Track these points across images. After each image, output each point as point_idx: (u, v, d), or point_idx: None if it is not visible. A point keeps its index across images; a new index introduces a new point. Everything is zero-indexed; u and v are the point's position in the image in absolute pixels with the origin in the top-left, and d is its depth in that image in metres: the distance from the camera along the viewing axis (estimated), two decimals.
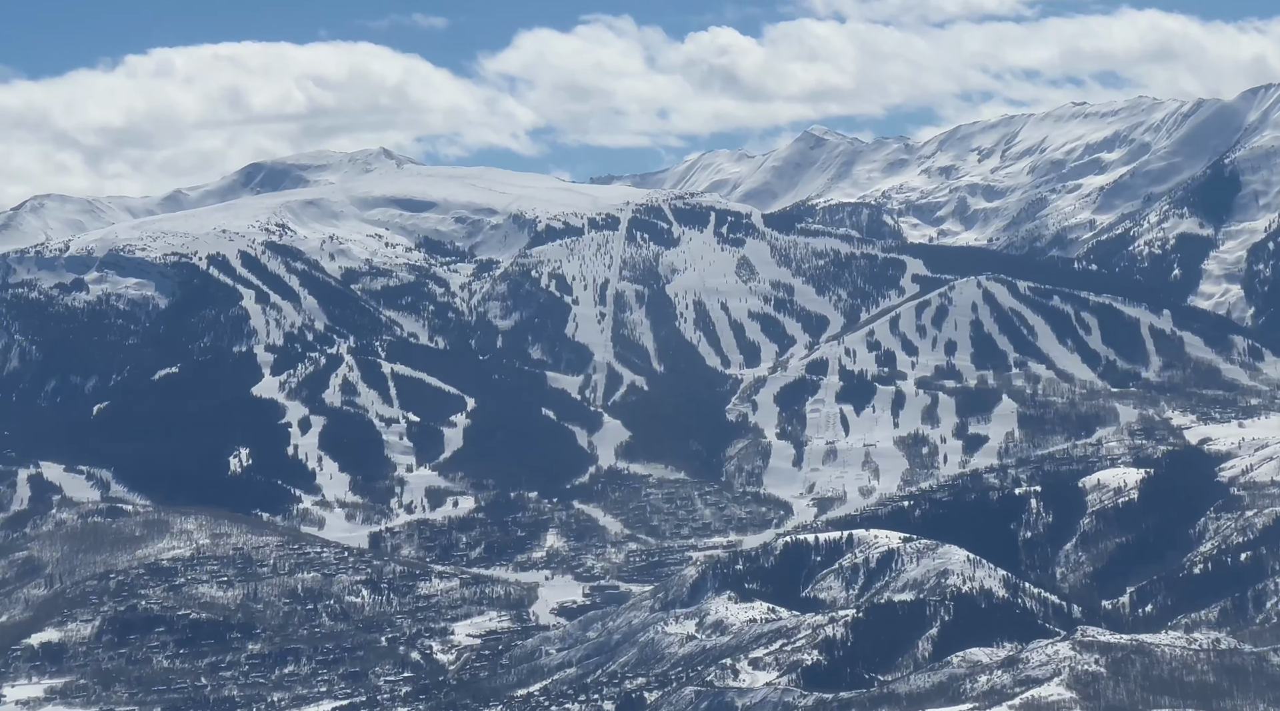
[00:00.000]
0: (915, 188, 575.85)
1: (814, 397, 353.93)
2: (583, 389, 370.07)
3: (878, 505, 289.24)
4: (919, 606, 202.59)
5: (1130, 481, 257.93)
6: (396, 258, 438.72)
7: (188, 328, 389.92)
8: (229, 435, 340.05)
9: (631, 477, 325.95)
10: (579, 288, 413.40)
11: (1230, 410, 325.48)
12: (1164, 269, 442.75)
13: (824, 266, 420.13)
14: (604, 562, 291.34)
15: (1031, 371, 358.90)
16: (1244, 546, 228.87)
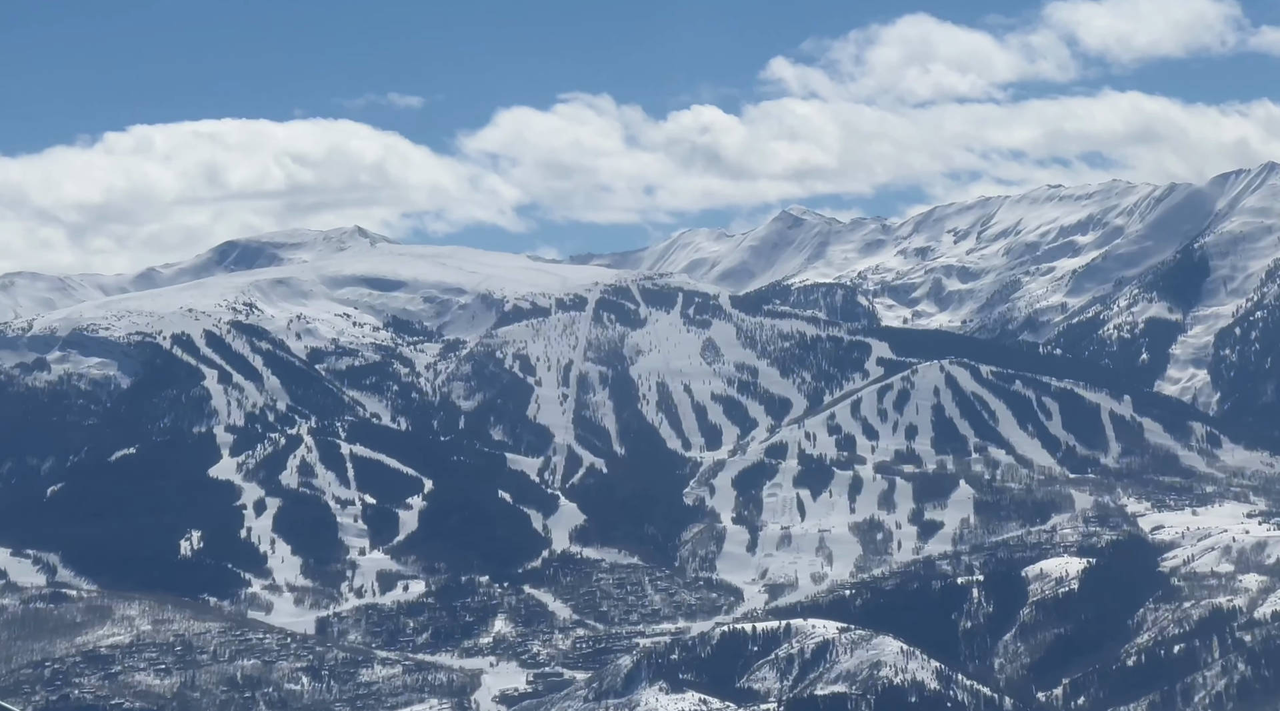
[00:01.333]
0: (891, 268, 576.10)
1: (771, 482, 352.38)
2: (542, 471, 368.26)
3: (828, 592, 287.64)
4: (839, 700, 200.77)
5: (1072, 571, 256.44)
6: (363, 337, 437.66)
7: (148, 408, 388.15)
8: (182, 517, 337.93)
9: (584, 562, 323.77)
10: (542, 368, 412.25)
11: (1185, 498, 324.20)
12: (1132, 353, 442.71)
13: (789, 348, 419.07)
14: (550, 649, 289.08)
15: (991, 456, 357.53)
16: (1179, 638, 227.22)
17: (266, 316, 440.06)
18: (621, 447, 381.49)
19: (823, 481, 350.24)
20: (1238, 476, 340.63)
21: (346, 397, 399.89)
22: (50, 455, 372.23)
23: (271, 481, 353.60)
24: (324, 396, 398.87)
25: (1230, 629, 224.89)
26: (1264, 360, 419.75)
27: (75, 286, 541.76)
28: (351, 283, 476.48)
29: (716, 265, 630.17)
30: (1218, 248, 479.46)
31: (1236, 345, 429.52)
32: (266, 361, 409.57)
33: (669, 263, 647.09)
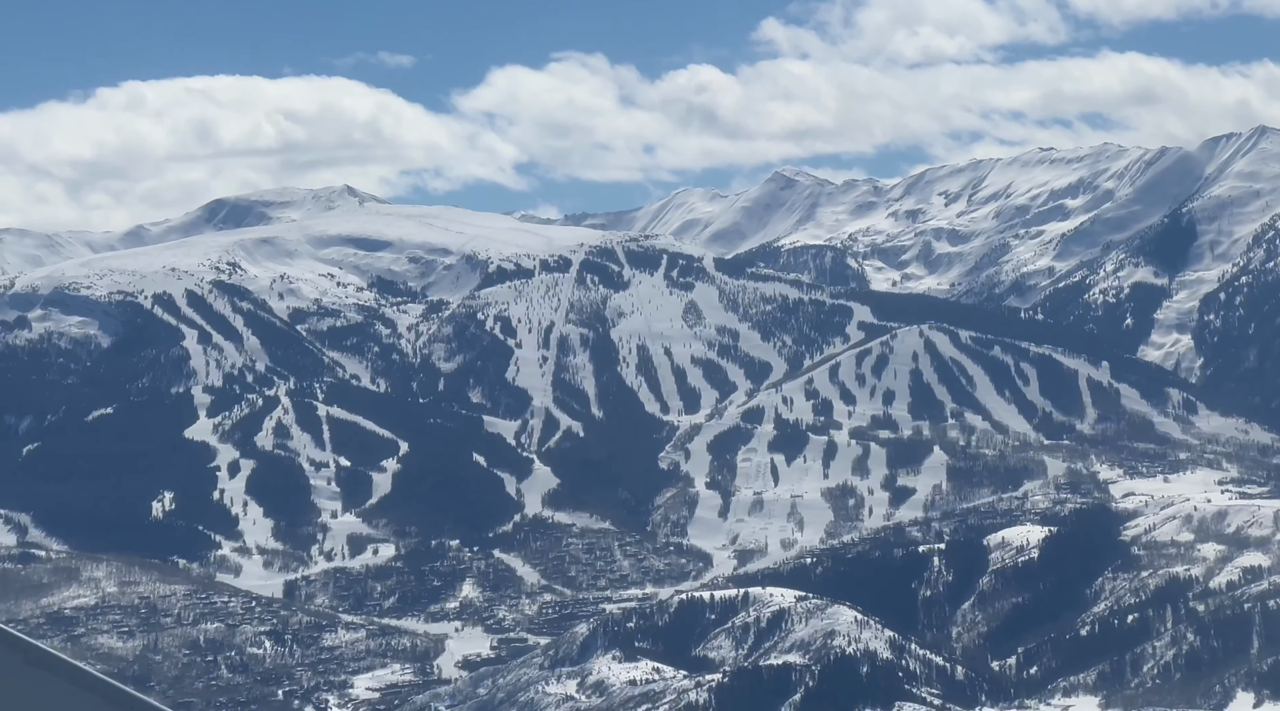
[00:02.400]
0: (881, 231, 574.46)
1: (747, 447, 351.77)
2: (519, 434, 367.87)
3: (795, 559, 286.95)
4: (785, 671, 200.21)
5: (1033, 540, 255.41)
6: (346, 298, 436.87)
7: (128, 368, 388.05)
8: (156, 478, 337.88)
9: (555, 526, 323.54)
10: (523, 330, 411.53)
11: (1158, 465, 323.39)
12: (1117, 318, 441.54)
13: (771, 311, 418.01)
14: (516, 614, 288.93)
15: (967, 422, 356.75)
16: (1134, 608, 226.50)
17: (250, 276, 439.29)
18: (600, 411, 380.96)
19: (798, 446, 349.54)
20: (1212, 443, 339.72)
21: (326, 359, 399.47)
22: (28, 414, 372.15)
23: (247, 443, 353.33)
24: (304, 357, 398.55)
25: (1185, 599, 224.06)
26: (1247, 326, 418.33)
27: (63, 243, 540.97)
28: (337, 242, 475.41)
29: (709, 226, 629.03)
30: (1205, 212, 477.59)
31: (1221, 311, 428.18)
32: (247, 321, 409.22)
33: (663, 223, 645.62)
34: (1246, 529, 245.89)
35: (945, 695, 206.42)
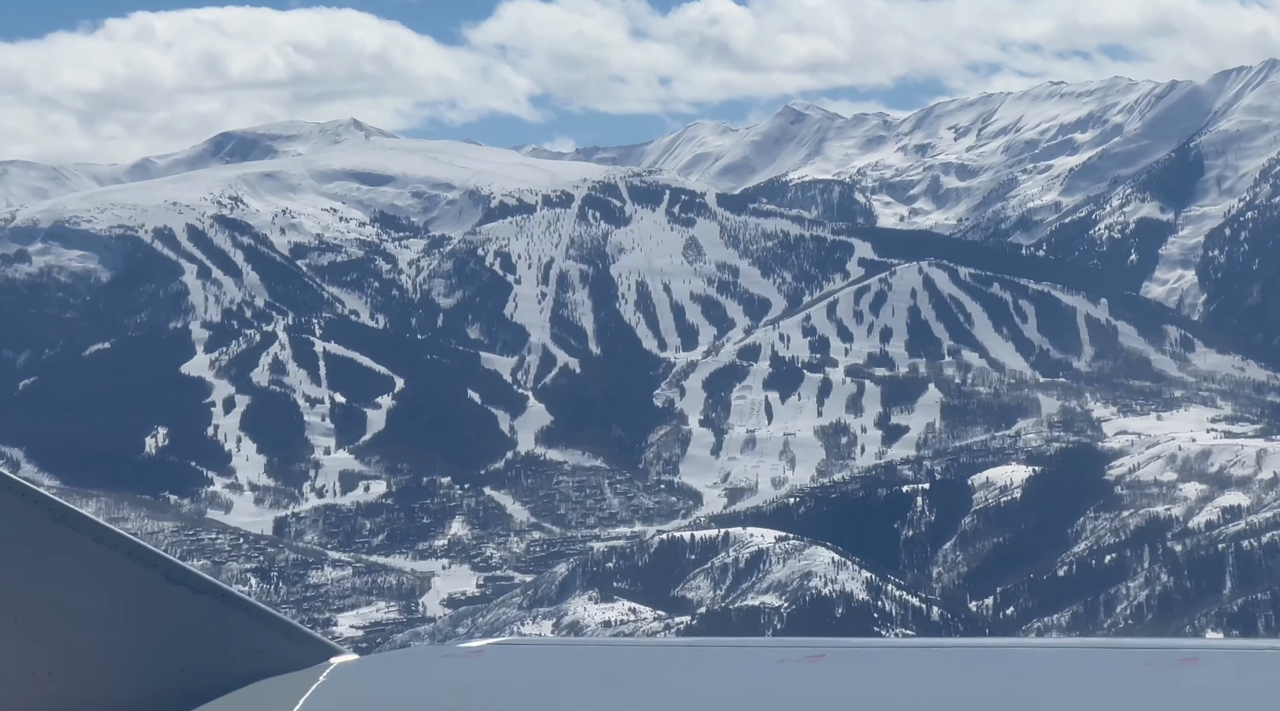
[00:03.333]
0: (890, 165, 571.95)
1: (742, 384, 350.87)
2: (515, 370, 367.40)
3: (785, 497, 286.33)
4: (753, 614, 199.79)
5: (1017, 479, 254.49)
6: (348, 233, 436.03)
7: (127, 302, 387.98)
8: (151, 414, 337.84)
9: (547, 464, 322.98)
10: (523, 266, 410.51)
11: (1153, 402, 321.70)
12: (1122, 254, 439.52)
13: (772, 248, 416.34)
14: (504, 552, 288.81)
15: (964, 360, 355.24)
16: (1112, 548, 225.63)
17: (251, 211, 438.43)
18: (598, 347, 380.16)
19: (793, 384, 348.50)
20: (1208, 381, 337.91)
21: (326, 294, 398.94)
22: (26, 348, 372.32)
23: (243, 379, 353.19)
24: (303, 293, 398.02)
25: (1163, 539, 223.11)
26: (1251, 261, 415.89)
27: (69, 176, 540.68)
28: (341, 177, 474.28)
29: (720, 159, 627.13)
30: (1213, 147, 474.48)
31: (1225, 246, 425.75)
32: (248, 256, 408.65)
33: (674, 157, 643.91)
34: (1229, 468, 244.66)
35: (920, 636, 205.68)
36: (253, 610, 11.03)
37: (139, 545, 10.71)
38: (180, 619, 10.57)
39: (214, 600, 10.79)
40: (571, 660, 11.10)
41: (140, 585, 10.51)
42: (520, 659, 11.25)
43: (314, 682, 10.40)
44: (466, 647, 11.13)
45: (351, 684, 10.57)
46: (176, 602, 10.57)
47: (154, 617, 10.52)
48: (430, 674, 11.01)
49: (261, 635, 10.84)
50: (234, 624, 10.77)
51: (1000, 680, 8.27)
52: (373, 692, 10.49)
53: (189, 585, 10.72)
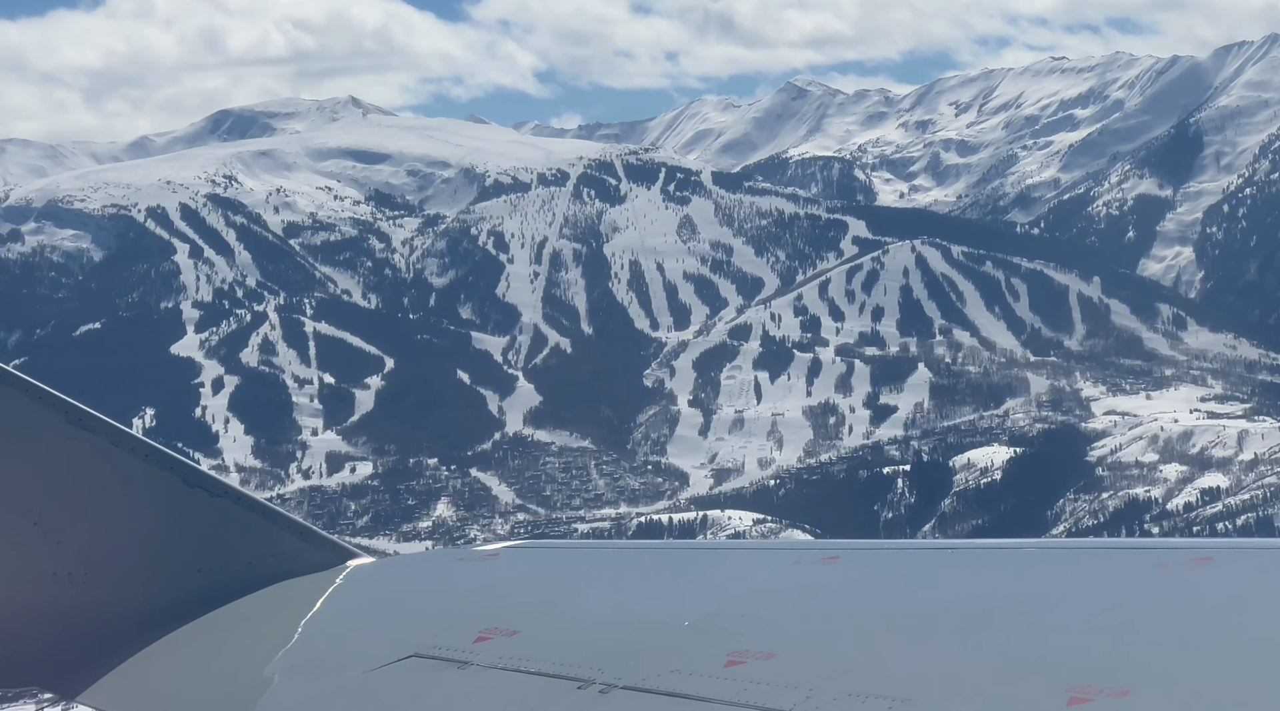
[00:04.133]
0: (891, 142, 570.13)
1: (731, 364, 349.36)
2: (506, 350, 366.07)
3: (771, 478, 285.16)
4: None
5: (998, 461, 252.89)
6: (343, 211, 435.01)
7: (118, 282, 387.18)
8: (139, 395, 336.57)
9: (534, 445, 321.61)
10: (516, 246, 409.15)
11: (1143, 381, 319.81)
12: (1120, 230, 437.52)
13: (766, 226, 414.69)
14: (487, 534, 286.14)
15: (955, 339, 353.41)
16: (1091, 530, 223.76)
17: (245, 189, 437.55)
18: (590, 327, 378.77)
19: (783, 364, 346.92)
20: (1199, 359, 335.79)
21: (319, 274, 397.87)
22: (17, 328, 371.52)
23: (232, 359, 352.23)
24: (295, 272, 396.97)
25: (1141, 521, 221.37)
26: (1249, 238, 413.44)
27: (67, 154, 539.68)
28: (336, 155, 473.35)
29: (721, 136, 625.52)
30: (1213, 123, 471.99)
31: (1224, 223, 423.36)
32: (240, 236, 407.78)
33: (676, 133, 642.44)
34: (1210, 449, 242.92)
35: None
36: (269, 513, 11.08)
37: (156, 448, 10.72)
38: (198, 521, 10.63)
39: (230, 503, 10.85)
40: (586, 562, 11.16)
41: (158, 487, 10.53)
42: (535, 561, 11.15)
43: (331, 584, 10.46)
44: (482, 551, 11.18)
45: (368, 585, 10.56)
46: (194, 505, 10.62)
47: (172, 520, 10.59)
48: (446, 575, 11.03)
49: (278, 538, 10.92)
50: (251, 526, 10.87)
51: (1015, 580, 8.17)
52: (389, 594, 10.47)
53: (206, 488, 10.74)
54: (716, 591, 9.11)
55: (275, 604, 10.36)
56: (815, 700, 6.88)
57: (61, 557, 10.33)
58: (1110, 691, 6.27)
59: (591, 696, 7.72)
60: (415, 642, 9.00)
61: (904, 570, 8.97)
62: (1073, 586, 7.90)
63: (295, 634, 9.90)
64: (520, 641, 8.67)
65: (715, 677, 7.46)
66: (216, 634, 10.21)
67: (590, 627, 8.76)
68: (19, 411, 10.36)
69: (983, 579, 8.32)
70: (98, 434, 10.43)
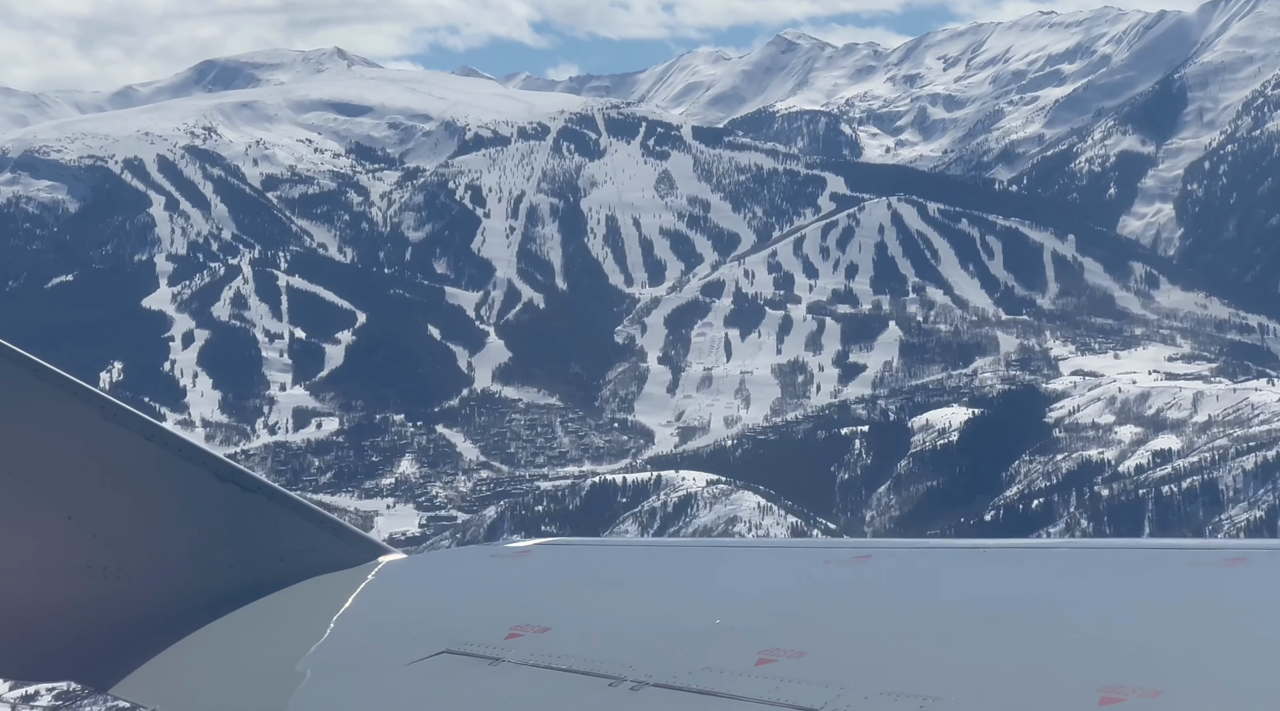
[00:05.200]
0: (879, 96, 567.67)
1: (703, 321, 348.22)
2: (480, 306, 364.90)
3: (735, 438, 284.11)
4: None
5: (956, 422, 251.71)
6: (322, 164, 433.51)
7: (93, 234, 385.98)
8: (109, 349, 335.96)
9: (501, 402, 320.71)
10: (493, 200, 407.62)
11: (1112, 340, 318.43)
12: (1101, 187, 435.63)
13: (744, 182, 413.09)
14: (450, 492, 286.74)
15: (928, 297, 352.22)
16: (1042, 492, 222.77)
17: (225, 142, 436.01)
18: (564, 282, 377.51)
19: (754, 321, 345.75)
20: (1170, 318, 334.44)
21: (295, 227, 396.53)
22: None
23: (203, 313, 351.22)
24: (271, 226, 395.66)
25: (1092, 483, 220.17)
26: (1229, 196, 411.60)
27: (50, 103, 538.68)
28: (318, 107, 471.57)
29: (711, 88, 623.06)
30: (1197, 79, 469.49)
31: (1204, 180, 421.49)
32: (217, 188, 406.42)
33: (667, 86, 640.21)
34: (1166, 411, 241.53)
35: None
36: (301, 509, 10.98)
37: (189, 443, 10.70)
38: (230, 516, 10.67)
39: (263, 498, 10.79)
40: (617, 559, 11.19)
41: (191, 482, 10.58)
42: (566, 558, 11.19)
43: (363, 581, 10.47)
44: (513, 547, 11.19)
45: (399, 582, 10.58)
46: (226, 500, 10.64)
47: (205, 515, 10.66)
48: (478, 572, 11.06)
49: (310, 533, 10.88)
50: (283, 522, 10.84)
51: (1047, 580, 8.22)
52: (421, 590, 10.57)
53: (239, 483, 10.72)
54: (747, 590, 9.12)
55: (307, 599, 10.40)
56: (846, 698, 6.92)
57: (95, 551, 10.45)
58: (1142, 691, 6.25)
59: (622, 694, 7.73)
60: (446, 639, 9.01)
61: (935, 569, 8.97)
62: (1104, 586, 7.86)
63: (327, 629, 9.91)
64: (551, 638, 8.68)
65: (746, 676, 7.50)
66: (248, 629, 10.27)
67: (621, 625, 8.77)
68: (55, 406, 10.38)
69: (1014, 578, 8.33)
70: (132, 429, 10.45)
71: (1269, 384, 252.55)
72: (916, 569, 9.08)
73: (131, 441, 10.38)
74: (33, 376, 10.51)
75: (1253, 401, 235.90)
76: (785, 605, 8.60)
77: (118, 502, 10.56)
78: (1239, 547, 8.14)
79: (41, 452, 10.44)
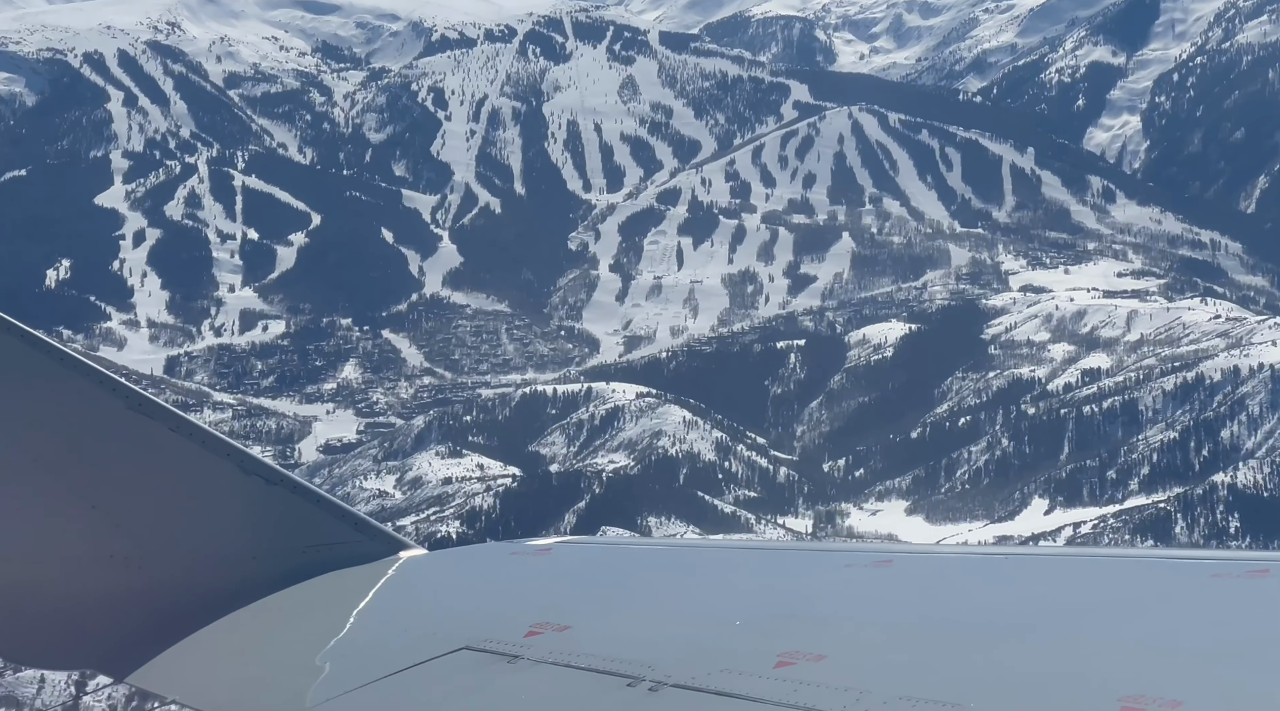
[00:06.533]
0: (855, 1, 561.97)
1: (656, 228, 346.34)
2: (435, 210, 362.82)
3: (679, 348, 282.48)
4: (574, 477, 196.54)
5: (891, 337, 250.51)
6: (287, 63, 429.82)
7: (49, 129, 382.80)
8: (57, 246, 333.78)
9: (449, 307, 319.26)
10: (455, 103, 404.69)
11: (1064, 255, 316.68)
12: (1070, 98, 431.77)
13: (708, 88, 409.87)
14: (390, 398, 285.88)
15: (884, 208, 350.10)
16: (970, 410, 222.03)
17: (188, 37, 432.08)
18: (522, 187, 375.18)
19: (708, 230, 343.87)
20: (1124, 233, 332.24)
21: (255, 126, 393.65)
22: None
23: (156, 212, 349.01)
24: (231, 124, 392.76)
25: (1020, 401, 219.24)
26: (1196, 108, 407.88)
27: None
28: (286, 4, 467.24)
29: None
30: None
31: (1173, 92, 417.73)
32: (178, 85, 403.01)
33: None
34: (1100, 330, 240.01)
35: (763, 498, 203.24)
36: (323, 503, 11.06)
37: (213, 435, 10.74)
38: (252, 508, 10.75)
39: (286, 491, 10.85)
40: (638, 559, 11.20)
41: (214, 474, 10.61)
42: (587, 557, 11.35)
43: (383, 576, 10.54)
44: (534, 545, 11.25)
45: (420, 577, 10.68)
46: (249, 492, 10.68)
47: (227, 506, 10.72)
48: (498, 569, 11.09)
49: (332, 527, 10.92)
50: (305, 515, 10.89)
51: (1069, 589, 8.27)
52: (441, 586, 10.63)
53: (262, 475, 10.78)
54: (768, 592, 9.13)
55: (327, 593, 10.44)
56: (865, 702, 6.95)
57: (118, 541, 10.51)
58: (1163, 702, 6.23)
59: (641, 694, 7.80)
60: (466, 635, 9.04)
61: (957, 575, 8.93)
62: (1126, 596, 7.89)
63: (346, 623, 9.96)
64: (571, 636, 8.75)
65: (765, 678, 7.56)
66: (268, 620, 10.30)
67: (641, 625, 8.82)
68: (82, 396, 10.45)
69: (1035, 586, 8.33)
70: (157, 420, 10.46)
71: (1202, 303, 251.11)
72: (938, 575, 8.98)
73: (156, 432, 10.43)
74: (60, 366, 10.65)
75: (1184, 321, 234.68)
76: (805, 608, 8.58)
77: (141, 493, 10.63)
78: (1262, 560, 8.00)
79: (67, 442, 10.53)
